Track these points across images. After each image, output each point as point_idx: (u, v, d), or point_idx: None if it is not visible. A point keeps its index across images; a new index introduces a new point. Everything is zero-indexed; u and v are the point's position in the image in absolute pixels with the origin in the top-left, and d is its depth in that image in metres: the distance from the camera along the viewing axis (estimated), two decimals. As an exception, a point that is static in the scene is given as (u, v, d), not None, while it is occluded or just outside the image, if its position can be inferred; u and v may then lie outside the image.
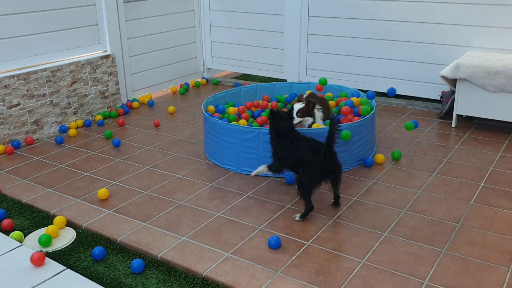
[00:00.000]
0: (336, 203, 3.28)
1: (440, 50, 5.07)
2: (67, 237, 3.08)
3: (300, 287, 2.53)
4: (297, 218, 3.15)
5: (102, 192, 3.49)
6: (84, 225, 3.19)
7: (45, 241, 2.96)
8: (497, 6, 4.68)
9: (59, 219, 3.14)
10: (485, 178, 3.67)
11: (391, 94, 4.45)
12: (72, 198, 3.54)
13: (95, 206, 3.42)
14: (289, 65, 6.02)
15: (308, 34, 5.80)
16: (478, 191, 3.49)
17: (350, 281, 2.57)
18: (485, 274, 2.60)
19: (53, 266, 2.60)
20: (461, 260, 2.72)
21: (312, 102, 3.95)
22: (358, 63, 5.58)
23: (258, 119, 4.28)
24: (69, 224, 3.23)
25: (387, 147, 4.28)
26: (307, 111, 3.92)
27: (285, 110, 4.02)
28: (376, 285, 2.54)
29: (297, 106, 3.94)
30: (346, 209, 3.28)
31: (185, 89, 6.30)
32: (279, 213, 3.25)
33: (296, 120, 3.82)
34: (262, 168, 3.40)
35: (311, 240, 2.94)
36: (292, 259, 2.76)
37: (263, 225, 3.11)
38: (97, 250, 2.86)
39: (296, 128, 3.41)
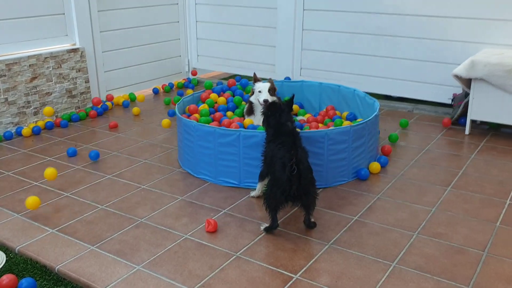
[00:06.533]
0: (308, 226, 2.67)
1: (451, 47, 4.47)
2: (-8, 263, 2.45)
3: None
4: (262, 228, 2.63)
5: (31, 201, 2.83)
6: (18, 247, 2.55)
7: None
8: (517, -4, 4.10)
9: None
10: (511, 194, 3.06)
11: None
12: (11, 213, 2.90)
13: (36, 223, 2.78)
14: (282, 64, 5.42)
15: (303, 29, 5.20)
16: (504, 210, 2.87)
17: (350, 331, 1.94)
18: (527, 322, 1.98)
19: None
20: (494, 303, 2.10)
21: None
22: (359, 61, 4.98)
23: None
24: (0, 246, 2.60)
25: (393, 156, 3.67)
26: (274, 91, 3.55)
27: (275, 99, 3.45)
28: (384, 338, 1.91)
29: (264, 85, 3.50)
30: (345, 231, 2.65)
31: (167, 90, 5.69)
32: (261, 235, 2.62)
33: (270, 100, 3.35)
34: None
35: (300, 272, 2.30)
36: (275, 298, 2.14)
37: (240, 252, 2.47)
38: (25, 282, 2.22)
39: None
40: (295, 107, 4.17)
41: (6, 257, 2.50)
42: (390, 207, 2.92)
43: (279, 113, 2.74)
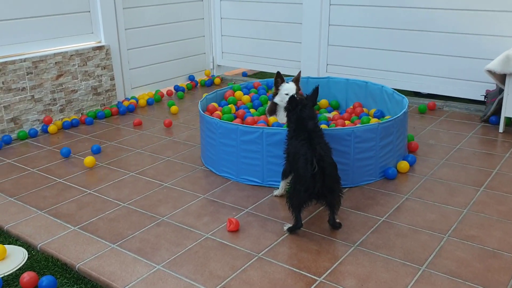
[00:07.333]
0: (333, 226, 2.58)
1: (484, 41, 4.29)
2: (14, 260, 2.44)
3: None
4: (285, 228, 2.57)
5: None
6: (40, 245, 2.55)
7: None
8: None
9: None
10: (549, 195, 2.91)
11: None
12: (35, 210, 2.90)
13: (58, 220, 2.77)
14: (307, 60, 5.32)
15: (329, 24, 5.09)
16: (541, 212, 2.73)
17: (376, 338, 1.85)
18: None
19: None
20: (531, 311, 1.97)
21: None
22: (387, 57, 4.84)
23: None
24: (23, 243, 2.60)
25: (422, 155, 3.54)
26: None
27: (299, 95, 3.37)
28: None
29: (290, 87, 3.48)
30: (372, 232, 2.56)
31: (190, 87, 5.67)
32: (284, 236, 2.55)
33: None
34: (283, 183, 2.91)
35: (324, 275, 2.22)
36: (298, 301, 2.06)
37: (262, 252, 2.40)
38: (45, 280, 2.21)
39: None
40: (323, 101, 4.07)
41: (28, 254, 2.50)
42: (419, 208, 2.81)
43: (300, 108, 2.66)
